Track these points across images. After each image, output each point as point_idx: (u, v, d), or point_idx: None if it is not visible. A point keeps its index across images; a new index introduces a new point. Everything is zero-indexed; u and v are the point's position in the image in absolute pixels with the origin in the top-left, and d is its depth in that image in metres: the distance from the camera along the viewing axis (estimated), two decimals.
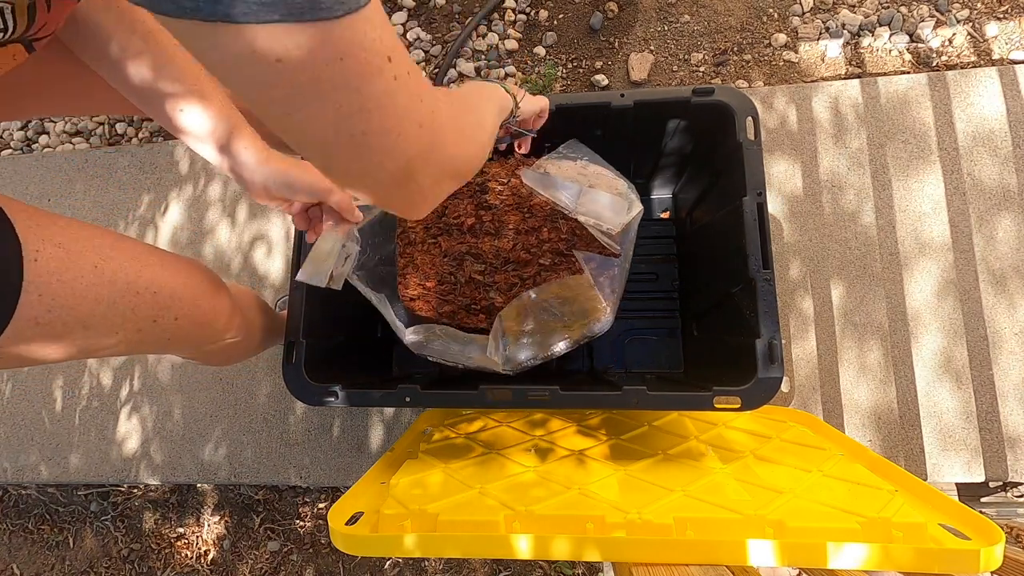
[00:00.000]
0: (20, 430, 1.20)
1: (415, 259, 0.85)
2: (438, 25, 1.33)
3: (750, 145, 0.73)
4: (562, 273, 0.79)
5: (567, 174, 0.77)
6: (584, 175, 0.78)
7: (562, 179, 0.76)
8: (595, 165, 0.79)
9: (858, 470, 0.65)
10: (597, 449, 0.74)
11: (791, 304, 1.02)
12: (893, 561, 0.47)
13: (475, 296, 0.83)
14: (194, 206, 1.24)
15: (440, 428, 0.87)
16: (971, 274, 0.99)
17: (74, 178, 1.31)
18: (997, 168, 1.02)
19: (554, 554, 0.50)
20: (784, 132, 1.09)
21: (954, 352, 0.97)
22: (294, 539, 1.17)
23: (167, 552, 1.21)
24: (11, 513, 1.29)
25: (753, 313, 0.69)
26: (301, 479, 1.09)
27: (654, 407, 0.70)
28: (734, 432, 0.81)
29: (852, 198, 1.05)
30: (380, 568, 1.13)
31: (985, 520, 0.51)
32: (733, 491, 0.60)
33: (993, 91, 1.05)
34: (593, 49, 1.26)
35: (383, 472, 0.71)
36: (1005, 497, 1.00)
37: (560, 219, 0.81)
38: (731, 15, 1.23)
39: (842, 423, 0.98)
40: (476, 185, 0.83)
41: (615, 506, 0.56)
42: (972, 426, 0.95)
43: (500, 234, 0.82)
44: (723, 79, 1.20)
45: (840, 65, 1.17)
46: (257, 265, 1.19)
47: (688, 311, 0.98)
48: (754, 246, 0.70)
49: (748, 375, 0.67)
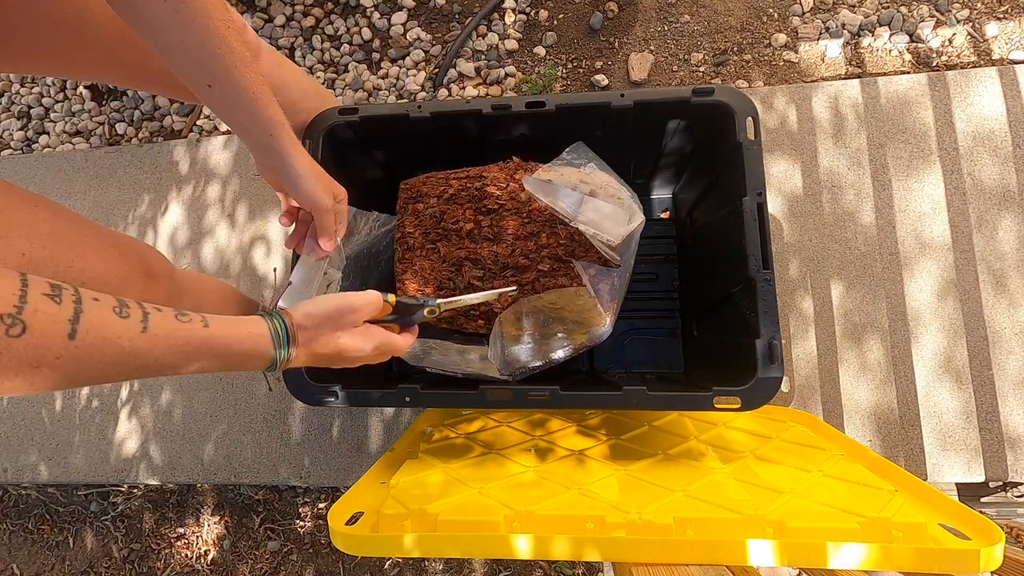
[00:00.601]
0: (20, 430, 1.20)
1: (414, 264, 0.85)
2: (438, 25, 1.33)
3: (750, 145, 0.73)
4: (560, 279, 0.79)
5: (569, 181, 0.77)
6: (586, 182, 0.77)
7: (563, 186, 0.75)
8: (599, 172, 0.78)
9: (858, 470, 0.65)
10: (597, 449, 0.74)
11: (791, 304, 1.03)
12: (893, 561, 0.47)
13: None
14: (194, 206, 1.24)
15: (440, 428, 0.87)
16: (971, 274, 0.99)
17: (74, 178, 1.31)
18: (997, 168, 1.02)
19: (554, 554, 0.50)
20: (784, 132, 1.09)
21: (954, 352, 0.97)
22: (294, 539, 1.17)
23: (167, 552, 1.21)
24: (11, 513, 1.29)
25: (753, 313, 0.69)
26: (301, 479, 1.09)
27: (654, 407, 0.70)
28: (734, 432, 0.81)
29: (852, 198, 1.05)
30: (380, 568, 1.13)
31: (985, 520, 0.51)
32: (733, 491, 0.60)
33: (993, 91, 1.05)
34: (593, 49, 1.26)
35: (383, 472, 0.71)
36: (1005, 497, 1.00)
37: (559, 225, 0.81)
38: (731, 15, 1.23)
39: (842, 423, 0.98)
40: (475, 190, 0.83)
41: (615, 506, 0.56)
42: (972, 426, 0.95)
43: (499, 239, 0.82)
44: (723, 79, 1.20)
45: (840, 65, 1.17)
46: (257, 265, 1.19)
47: (688, 311, 0.98)
48: (754, 246, 0.70)
49: (748, 375, 0.67)
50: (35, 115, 1.47)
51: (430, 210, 0.85)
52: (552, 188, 0.75)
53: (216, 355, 0.42)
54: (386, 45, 1.34)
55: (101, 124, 1.43)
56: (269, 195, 1.22)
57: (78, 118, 1.44)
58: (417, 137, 0.83)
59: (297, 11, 1.38)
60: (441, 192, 0.85)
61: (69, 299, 0.34)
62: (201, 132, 1.37)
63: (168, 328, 0.39)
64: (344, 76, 1.33)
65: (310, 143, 0.78)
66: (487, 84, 1.27)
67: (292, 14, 1.38)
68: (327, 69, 1.35)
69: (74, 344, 0.34)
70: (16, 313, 0.31)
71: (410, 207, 0.86)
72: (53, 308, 0.33)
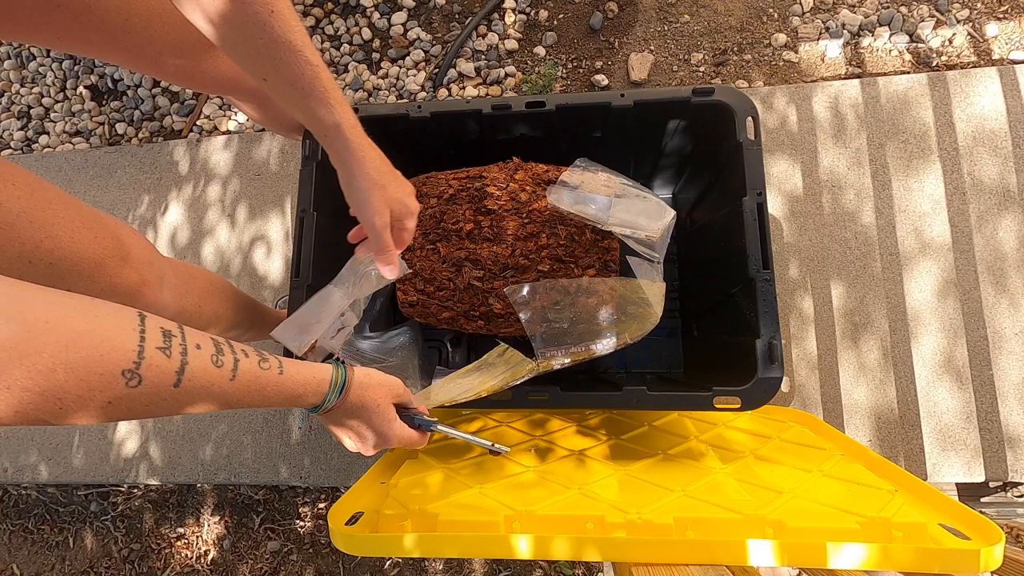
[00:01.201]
0: (20, 430, 1.20)
1: (414, 265, 0.85)
2: (438, 25, 1.33)
3: (750, 145, 0.73)
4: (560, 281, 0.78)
5: (591, 186, 0.75)
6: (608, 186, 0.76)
7: (588, 192, 0.74)
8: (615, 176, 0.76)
9: (858, 470, 0.65)
10: (597, 449, 0.74)
11: (791, 304, 1.03)
12: (893, 561, 0.47)
13: (474, 302, 0.83)
14: (194, 206, 1.25)
15: None
16: (971, 274, 0.99)
17: (74, 178, 1.31)
18: (997, 168, 1.02)
19: (554, 554, 0.50)
20: (784, 132, 1.09)
21: (954, 352, 0.97)
22: (294, 539, 1.17)
23: (167, 552, 1.21)
24: (11, 513, 1.29)
25: (753, 313, 0.69)
26: (301, 479, 1.09)
27: (654, 407, 0.70)
28: (734, 432, 0.81)
29: (852, 198, 1.05)
30: (380, 568, 1.13)
31: (985, 520, 0.51)
32: (733, 491, 0.60)
33: (993, 91, 1.05)
34: (593, 49, 1.26)
35: (383, 472, 0.71)
36: (1005, 497, 1.00)
37: (559, 225, 0.80)
38: (731, 15, 1.23)
39: (842, 423, 0.98)
40: (475, 190, 0.83)
41: (615, 506, 0.56)
42: (972, 426, 0.95)
43: (499, 240, 0.81)
44: (723, 79, 1.20)
45: (840, 65, 1.17)
46: (257, 265, 1.19)
47: (688, 311, 0.98)
48: (754, 246, 0.70)
49: (748, 375, 0.67)
50: (35, 115, 1.47)
51: (430, 210, 0.84)
52: (577, 195, 0.73)
53: (285, 397, 0.47)
54: (386, 45, 1.34)
55: (101, 124, 1.43)
56: (269, 195, 1.22)
57: (78, 118, 1.44)
58: (417, 137, 0.83)
59: (297, 11, 1.37)
60: (441, 192, 0.84)
61: (177, 351, 0.38)
62: (201, 132, 1.37)
63: (251, 376, 0.44)
64: (344, 76, 1.33)
65: (310, 143, 0.78)
66: (487, 84, 1.27)
67: None
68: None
69: (177, 391, 0.38)
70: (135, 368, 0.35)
71: None
72: (164, 361, 0.37)
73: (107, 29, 0.61)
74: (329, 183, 0.82)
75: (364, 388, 0.53)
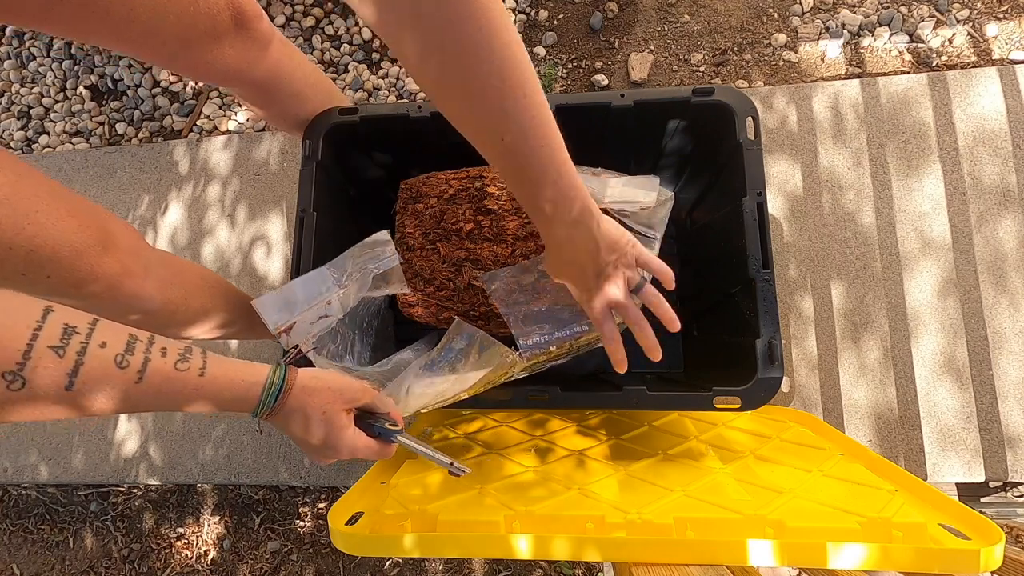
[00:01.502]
0: (20, 430, 1.20)
1: (414, 265, 0.84)
2: None
3: (750, 145, 0.73)
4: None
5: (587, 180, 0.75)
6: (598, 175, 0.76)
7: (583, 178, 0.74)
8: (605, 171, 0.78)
9: (858, 470, 0.65)
10: (597, 449, 0.74)
11: (791, 304, 1.03)
12: (893, 561, 0.47)
13: (474, 302, 0.83)
14: (194, 206, 1.24)
15: (440, 428, 0.87)
16: (971, 274, 0.99)
17: (74, 178, 1.31)
18: (997, 168, 1.02)
19: (554, 554, 0.50)
20: (784, 132, 1.09)
21: (954, 352, 0.97)
22: (294, 539, 1.17)
23: (167, 552, 1.21)
24: (11, 513, 1.29)
25: (753, 313, 0.69)
26: (301, 479, 1.09)
27: (654, 407, 0.70)
28: (734, 432, 0.81)
29: (852, 198, 1.05)
30: (380, 568, 1.13)
31: (985, 520, 0.51)
32: (733, 491, 0.60)
33: (993, 91, 1.05)
34: (593, 49, 1.26)
35: (383, 472, 0.71)
36: (1005, 497, 1.00)
37: None
38: (731, 15, 1.23)
39: (842, 423, 0.98)
40: (475, 190, 0.83)
41: (615, 506, 0.56)
42: (972, 426, 0.95)
43: (499, 240, 0.81)
44: (723, 79, 1.20)
45: (840, 65, 1.17)
46: (257, 265, 1.19)
47: (688, 311, 0.98)
48: (754, 246, 0.70)
49: (748, 375, 0.67)
50: (35, 115, 1.47)
51: (430, 210, 0.84)
52: None
53: (207, 401, 0.44)
54: (386, 45, 1.34)
55: (101, 124, 1.43)
56: (269, 195, 1.22)
57: (78, 118, 1.44)
58: (417, 137, 0.83)
59: (297, 11, 1.38)
60: (441, 192, 0.84)
61: (74, 350, 0.36)
62: (201, 132, 1.37)
63: (162, 377, 0.41)
64: (344, 76, 1.33)
65: (310, 143, 0.78)
66: None
67: (292, 14, 1.38)
68: (327, 69, 1.35)
69: (70, 394, 0.36)
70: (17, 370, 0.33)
71: (410, 207, 0.86)
72: (54, 363, 0.35)
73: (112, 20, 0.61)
74: (329, 183, 0.82)
75: (308, 393, 0.50)
